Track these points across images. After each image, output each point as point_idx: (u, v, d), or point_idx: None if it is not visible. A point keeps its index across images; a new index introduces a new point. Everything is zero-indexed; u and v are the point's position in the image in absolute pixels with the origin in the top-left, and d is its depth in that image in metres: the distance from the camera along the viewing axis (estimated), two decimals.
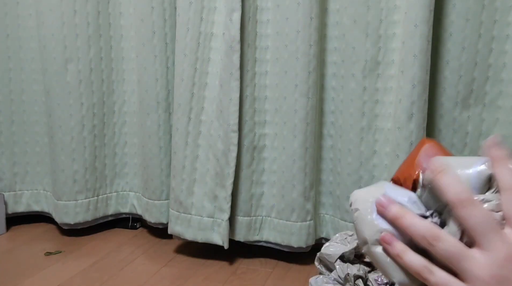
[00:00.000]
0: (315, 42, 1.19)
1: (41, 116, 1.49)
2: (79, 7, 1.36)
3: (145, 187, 1.42)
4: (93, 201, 1.45)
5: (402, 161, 1.13)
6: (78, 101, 1.39)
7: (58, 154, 1.42)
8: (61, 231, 1.50)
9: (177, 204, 1.31)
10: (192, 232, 1.30)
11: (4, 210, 1.50)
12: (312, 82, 1.21)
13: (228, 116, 1.23)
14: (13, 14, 1.45)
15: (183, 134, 1.29)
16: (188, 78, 1.27)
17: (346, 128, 1.23)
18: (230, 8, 1.19)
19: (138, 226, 1.54)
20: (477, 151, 1.16)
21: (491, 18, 1.10)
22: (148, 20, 1.33)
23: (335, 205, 1.29)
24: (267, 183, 1.29)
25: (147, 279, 1.20)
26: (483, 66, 1.13)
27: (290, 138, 1.23)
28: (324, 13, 1.23)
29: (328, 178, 1.30)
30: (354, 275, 1.02)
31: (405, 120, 1.12)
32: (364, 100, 1.20)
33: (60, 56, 1.37)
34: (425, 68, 1.10)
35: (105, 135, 1.45)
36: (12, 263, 1.29)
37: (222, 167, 1.25)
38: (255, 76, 1.25)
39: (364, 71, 1.19)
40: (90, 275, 1.22)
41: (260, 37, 1.25)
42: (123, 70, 1.45)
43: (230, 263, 1.29)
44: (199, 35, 1.25)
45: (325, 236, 1.33)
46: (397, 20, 1.15)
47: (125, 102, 1.46)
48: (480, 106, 1.15)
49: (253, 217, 1.29)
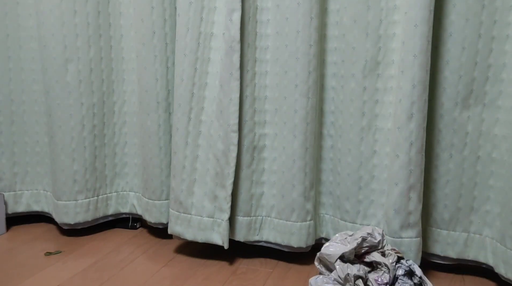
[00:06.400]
0: (315, 42, 1.19)
1: (41, 116, 1.49)
2: (79, 7, 1.36)
3: (145, 187, 1.42)
4: (93, 201, 1.45)
5: (402, 161, 1.14)
6: (78, 101, 1.39)
7: (58, 154, 1.42)
8: (61, 231, 1.50)
9: (177, 204, 1.31)
10: (192, 232, 1.30)
11: (4, 210, 1.50)
12: (312, 82, 1.21)
13: (228, 116, 1.23)
14: (13, 14, 1.45)
15: (183, 134, 1.29)
16: (188, 78, 1.27)
17: (346, 128, 1.23)
18: (230, 8, 1.19)
19: (138, 226, 1.54)
20: (477, 151, 1.16)
21: (491, 18, 1.10)
22: (148, 20, 1.33)
23: (335, 205, 1.29)
24: (267, 183, 1.29)
25: (147, 279, 1.20)
26: (483, 66, 1.13)
27: (290, 138, 1.23)
28: (324, 13, 1.23)
29: (328, 178, 1.30)
30: (354, 275, 1.02)
31: (405, 120, 1.12)
32: (364, 100, 1.20)
33: (60, 56, 1.37)
34: (425, 68, 1.10)
35: (105, 135, 1.45)
36: (12, 263, 1.29)
37: (222, 167, 1.25)
38: (255, 76, 1.26)
39: (364, 71, 1.19)
40: (90, 275, 1.22)
41: (260, 37, 1.25)
42: (123, 70, 1.45)
43: (230, 263, 1.29)
44: (199, 35, 1.25)
45: (325, 236, 1.33)
46: (397, 20, 1.15)
47: (125, 102, 1.46)
48: (480, 106, 1.15)
49: (253, 217, 1.29)
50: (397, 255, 1.07)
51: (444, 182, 1.19)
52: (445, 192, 1.19)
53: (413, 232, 1.16)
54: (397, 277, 1.04)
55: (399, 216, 1.15)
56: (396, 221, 1.16)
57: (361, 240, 1.05)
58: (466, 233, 1.20)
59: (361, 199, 1.24)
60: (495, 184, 1.16)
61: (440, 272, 1.25)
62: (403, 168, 1.14)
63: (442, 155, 1.18)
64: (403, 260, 1.07)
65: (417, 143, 1.13)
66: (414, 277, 1.05)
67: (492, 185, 1.16)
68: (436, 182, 1.20)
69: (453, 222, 1.20)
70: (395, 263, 1.05)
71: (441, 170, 1.19)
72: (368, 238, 1.06)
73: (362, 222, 1.25)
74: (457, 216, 1.20)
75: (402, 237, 1.16)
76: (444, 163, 1.18)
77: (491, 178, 1.16)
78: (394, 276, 1.04)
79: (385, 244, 1.09)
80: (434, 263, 1.25)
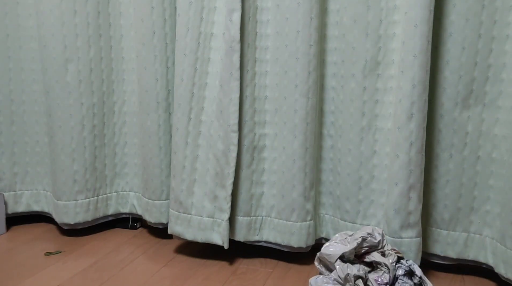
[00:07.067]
0: (315, 42, 1.19)
1: (41, 116, 1.49)
2: (79, 7, 1.36)
3: (145, 187, 1.42)
4: (93, 201, 1.45)
5: (402, 161, 1.14)
6: (78, 101, 1.39)
7: (58, 154, 1.42)
8: (61, 231, 1.50)
9: (177, 204, 1.31)
10: (192, 232, 1.30)
11: (4, 210, 1.50)
12: (312, 82, 1.21)
13: (228, 116, 1.23)
14: (13, 14, 1.45)
15: (183, 134, 1.29)
16: (188, 78, 1.27)
17: (346, 128, 1.23)
18: (230, 8, 1.19)
19: (138, 226, 1.54)
20: (477, 151, 1.16)
21: (491, 18, 1.10)
22: (148, 20, 1.33)
23: (335, 205, 1.29)
24: (267, 183, 1.29)
25: (147, 279, 1.20)
26: (483, 66, 1.13)
27: (290, 138, 1.23)
28: (324, 13, 1.23)
29: (328, 178, 1.30)
30: (354, 275, 1.02)
31: (405, 120, 1.12)
32: (364, 100, 1.20)
33: (60, 56, 1.37)
34: (425, 68, 1.10)
35: (105, 135, 1.45)
36: (12, 263, 1.29)
37: (222, 167, 1.25)
38: (255, 76, 1.25)
39: (364, 71, 1.19)
40: (90, 275, 1.22)
41: (260, 37, 1.25)
42: (123, 70, 1.45)
43: (230, 263, 1.29)
44: (199, 35, 1.25)
45: (325, 236, 1.33)
46: (397, 20, 1.15)
47: (125, 102, 1.46)
48: (480, 106, 1.15)
49: (253, 217, 1.29)
50: (397, 255, 1.07)
51: (444, 182, 1.19)
52: (445, 192, 1.19)
53: (413, 232, 1.16)
54: (397, 277, 1.04)
55: (399, 216, 1.15)
56: (396, 221, 1.16)
57: (361, 240, 1.05)
58: (466, 233, 1.20)
59: (361, 199, 1.24)
60: (495, 184, 1.16)
61: (440, 272, 1.25)
62: (403, 168, 1.14)
63: (442, 155, 1.18)
64: (403, 260, 1.07)
65: (417, 143, 1.13)
66: (414, 277, 1.05)
67: (492, 185, 1.16)
68: (436, 182, 1.20)
69: (453, 222, 1.20)
70: (395, 263, 1.05)
71: (441, 170, 1.19)
72: (368, 238, 1.06)
73: (362, 222, 1.25)
74: (457, 216, 1.20)
75: (402, 237, 1.16)
76: (444, 163, 1.18)
77: (491, 178, 1.16)
78: (394, 276, 1.04)
79: (385, 244, 1.09)
80: (434, 263, 1.25)
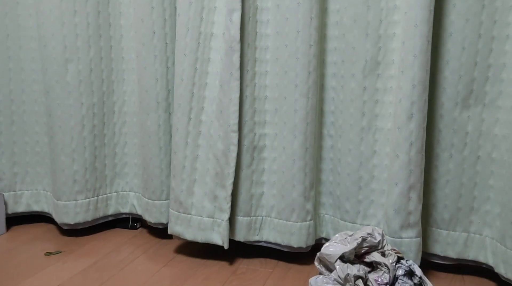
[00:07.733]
0: (315, 42, 1.19)
1: (41, 116, 1.49)
2: (79, 7, 1.36)
3: (145, 187, 1.42)
4: (93, 201, 1.45)
5: (402, 161, 1.14)
6: (78, 101, 1.39)
7: (58, 154, 1.42)
8: (61, 231, 1.50)
9: (177, 204, 1.31)
10: (192, 232, 1.30)
11: (4, 210, 1.50)
12: (312, 82, 1.21)
13: (228, 116, 1.23)
14: (13, 14, 1.45)
15: (183, 134, 1.29)
16: (188, 78, 1.27)
17: (346, 128, 1.23)
18: (230, 8, 1.19)
19: (138, 226, 1.54)
20: (477, 151, 1.16)
21: (491, 18, 1.10)
22: (148, 20, 1.33)
23: (335, 205, 1.29)
24: (267, 183, 1.29)
25: (147, 279, 1.20)
26: (483, 66, 1.13)
27: (290, 138, 1.23)
28: (324, 13, 1.23)
29: (328, 178, 1.30)
30: (354, 275, 1.02)
31: (405, 120, 1.12)
32: (364, 100, 1.20)
33: (60, 56, 1.37)
34: (425, 68, 1.10)
35: (105, 135, 1.45)
36: (12, 263, 1.29)
37: (222, 167, 1.25)
38: (255, 76, 1.25)
39: (364, 71, 1.19)
40: (90, 275, 1.22)
41: (260, 37, 1.25)
42: (123, 70, 1.45)
43: (230, 263, 1.29)
44: (199, 35, 1.25)
45: (325, 236, 1.33)
46: (397, 20, 1.15)
47: (125, 102, 1.46)
48: (480, 106, 1.15)
49: (253, 217, 1.29)
50: (397, 255, 1.07)
51: (444, 182, 1.19)
52: (445, 192, 1.19)
53: (413, 232, 1.16)
54: (397, 277, 1.04)
55: (399, 216, 1.15)
56: (396, 221, 1.16)
57: (361, 240, 1.05)
58: (466, 233, 1.20)
59: (361, 199, 1.24)
60: (495, 184, 1.16)
61: (440, 272, 1.25)
62: (403, 168, 1.14)
63: (442, 155, 1.18)
64: (403, 260, 1.07)
65: (417, 143, 1.13)
66: (414, 277, 1.05)
67: (492, 185, 1.16)
68: (436, 182, 1.20)
69: (453, 222, 1.20)
70: (395, 263, 1.05)
71: (441, 170, 1.19)
72: (368, 238, 1.06)
73: (362, 222, 1.25)
74: (457, 216, 1.20)
75: (402, 237, 1.16)
76: (444, 163, 1.18)
77: (491, 178, 1.16)
78: (394, 276, 1.04)
79: (385, 244, 1.09)
80: (434, 263, 1.25)
